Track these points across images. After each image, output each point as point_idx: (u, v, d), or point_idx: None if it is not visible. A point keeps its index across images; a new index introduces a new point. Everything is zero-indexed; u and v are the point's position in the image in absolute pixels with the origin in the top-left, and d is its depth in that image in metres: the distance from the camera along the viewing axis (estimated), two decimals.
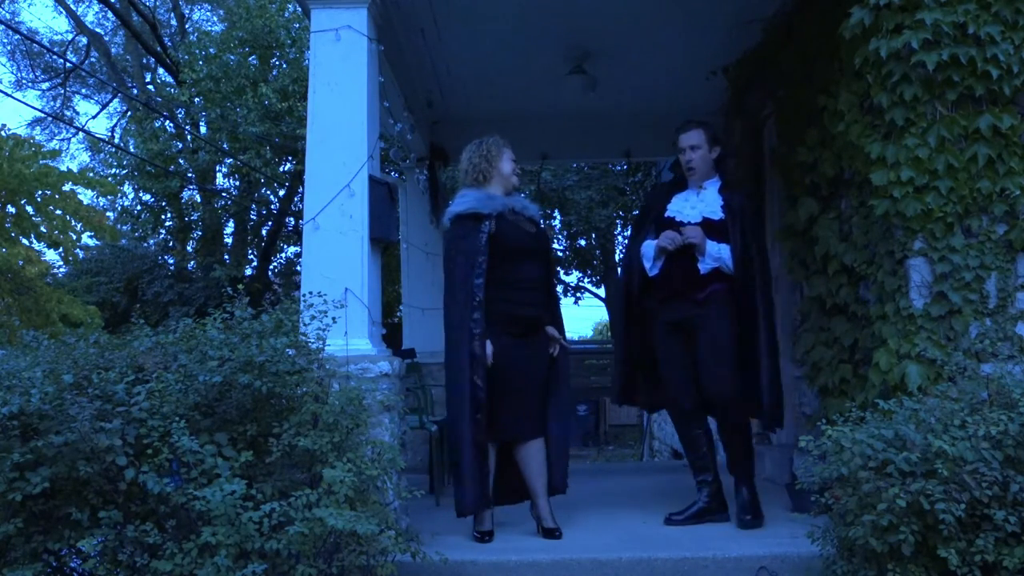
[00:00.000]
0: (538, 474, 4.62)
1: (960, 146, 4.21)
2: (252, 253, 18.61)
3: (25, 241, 13.13)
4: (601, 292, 22.03)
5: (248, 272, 17.92)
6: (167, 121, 17.43)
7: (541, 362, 4.70)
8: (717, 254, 4.71)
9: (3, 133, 12.51)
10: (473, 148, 4.82)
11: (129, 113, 20.64)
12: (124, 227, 18.09)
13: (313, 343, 3.93)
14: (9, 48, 21.26)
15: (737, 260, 4.69)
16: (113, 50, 21.46)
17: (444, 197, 8.71)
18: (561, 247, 19.96)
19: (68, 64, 20.25)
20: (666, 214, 4.91)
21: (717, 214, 4.80)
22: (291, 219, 17.87)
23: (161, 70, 20.25)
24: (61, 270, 17.87)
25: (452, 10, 6.02)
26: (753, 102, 7.08)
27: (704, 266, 4.71)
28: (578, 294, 21.94)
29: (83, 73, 20.51)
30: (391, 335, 5.85)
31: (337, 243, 4.62)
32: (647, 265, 4.83)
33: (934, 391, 3.93)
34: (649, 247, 4.84)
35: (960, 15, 4.18)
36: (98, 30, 21.18)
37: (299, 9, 7.15)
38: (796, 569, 3.90)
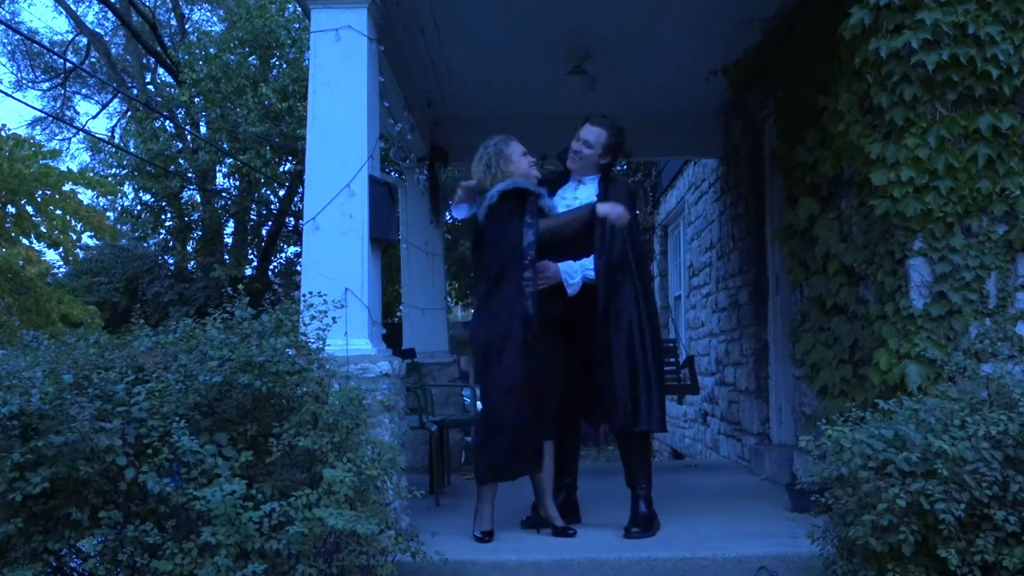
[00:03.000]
0: (546, 475, 4.65)
1: (960, 146, 4.22)
2: (252, 253, 18.62)
3: (25, 241, 13.14)
4: None
5: (248, 272, 17.92)
6: (167, 121, 17.43)
7: (558, 364, 4.69)
8: (582, 272, 4.66)
9: (3, 133, 12.52)
10: (479, 160, 4.75)
11: (129, 113, 20.65)
12: (124, 227, 18.10)
13: (313, 343, 3.93)
14: (9, 48, 21.30)
15: (603, 265, 4.63)
16: (113, 50, 21.49)
17: (444, 197, 8.70)
18: None
19: (68, 64, 20.26)
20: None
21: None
22: (291, 219, 17.88)
23: (161, 70, 20.28)
24: (61, 270, 17.88)
25: (452, 10, 6.02)
26: (753, 102, 7.09)
27: (572, 290, 4.67)
28: None
29: (83, 73, 20.53)
30: (391, 335, 5.85)
31: (337, 243, 4.61)
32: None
33: (934, 391, 3.93)
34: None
35: (960, 15, 4.19)
36: (98, 30, 21.22)
37: (299, 9, 7.14)
38: (796, 569, 3.90)
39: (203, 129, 17.03)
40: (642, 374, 4.60)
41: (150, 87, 20.87)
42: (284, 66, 15.32)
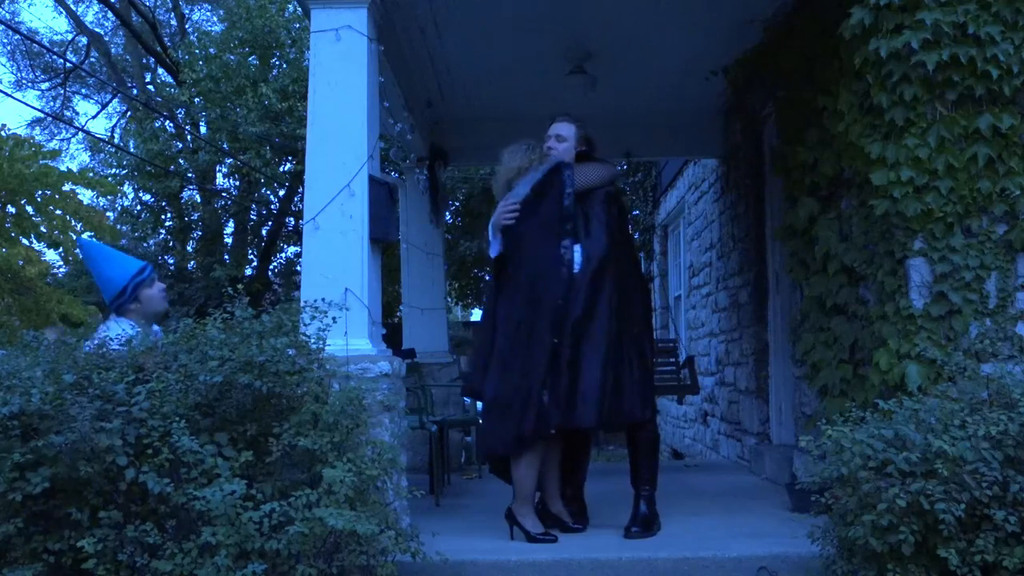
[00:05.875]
0: (552, 474, 4.69)
1: (960, 146, 4.22)
2: (252, 253, 18.60)
3: (25, 241, 13.14)
4: None
5: (248, 272, 17.90)
6: (167, 121, 17.42)
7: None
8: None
9: (3, 133, 12.52)
10: (522, 150, 4.86)
11: (129, 113, 20.65)
12: (124, 227, 18.07)
13: (313, 343, 3.93)
14: (9, 48, 21.29)
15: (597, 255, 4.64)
16: (113, 50, 21.48)
17: (444, 197, 8.69)
18: None
19: (68, 64, 20.26)
20: None
21: None
22: (291, 219, 17.86)
23: (161, 70, 20.27)
24: (61, 270, 17.86)
25: (452, 10, 6.02)
26: (753, 102, 7.09)
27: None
28: None
29: (83, 73, 20.52)
30: (391, 335, 5.85)
31: (337, 243, 4.62)
32: None
33: (934, 391, 3.93)
34: None
35: (960, 15, 4.19)
36: (98, 30, 21.21)
37: (299, 9, 7.15)
38: (796, 569, 3.90)
39: (203, 129, 17.02)
40: (625, 365, 4.59)
41: (150, 87, 20.87)
42: (284, 66, 15.32)
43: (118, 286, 4.39)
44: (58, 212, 13.01)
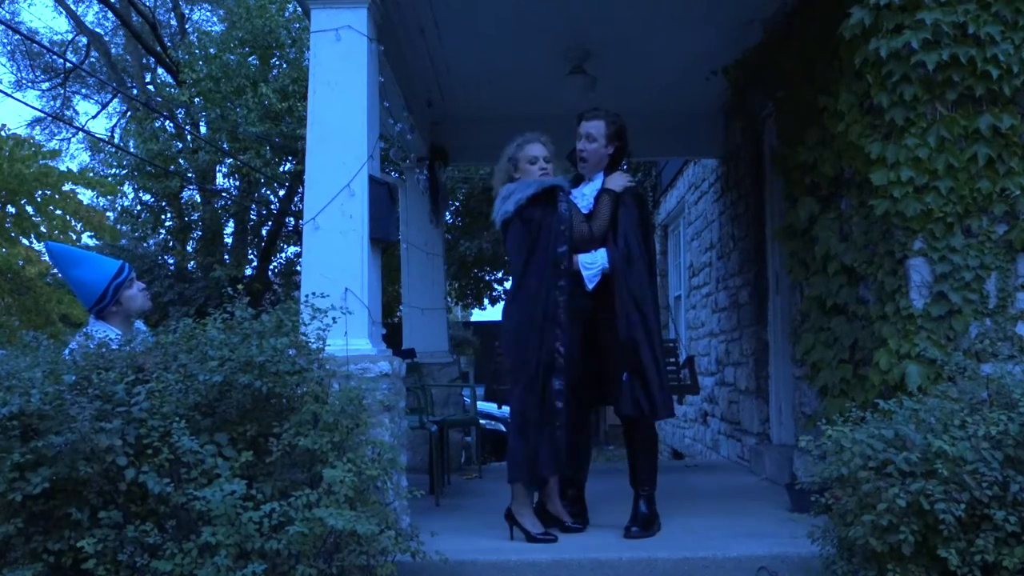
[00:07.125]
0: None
1: (960, 146, 4.22)
2: (252, 253, 18.58)
3: (25, 241, 13.15)
4: None
5: (248, 272, 17.90)
6: (167, 121, 17.42)
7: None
8: (601, 263, 4.64)
9: (3, 133, 12.53)
10: (501, 158, 4.86)
11: (129, 113, 20.65)
12: (124, 227, 18.06)
13: (313, 343, 3.92)
14: (9, 48, 21.30)
15: (621, 254, 4.61)
16: (113, 50, 21.48)
17: (444, 197, 8.68)
18: None
19: (68, 64, 20.26)
20: None
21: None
22: (291, 219, 17.86)
23: (161, 70, 20.27)
24: None
25: (452, 10, 6.03)
26: (753, 102, 7.08)
27: (591, 283, 4.64)
28: None
29: (83, 73, 20.52)
30: (391, 335, 5.85)
31: (337, 243, 4.62)
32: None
33: (934, 391, 3.93)
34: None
35: (960, 15, 4.19)
36: (98, 30, 21.22)
37: (299, 9, 7.15)
38: (796, 569, 3.90)
39: (203, 129, 17.02)
40: (651, 363, 4.59)
41: (150, 87, 20.86)
42: (284, 66, 15.32)
43: (98, 290, 4.32)
44: (58, 212, 13.03)
